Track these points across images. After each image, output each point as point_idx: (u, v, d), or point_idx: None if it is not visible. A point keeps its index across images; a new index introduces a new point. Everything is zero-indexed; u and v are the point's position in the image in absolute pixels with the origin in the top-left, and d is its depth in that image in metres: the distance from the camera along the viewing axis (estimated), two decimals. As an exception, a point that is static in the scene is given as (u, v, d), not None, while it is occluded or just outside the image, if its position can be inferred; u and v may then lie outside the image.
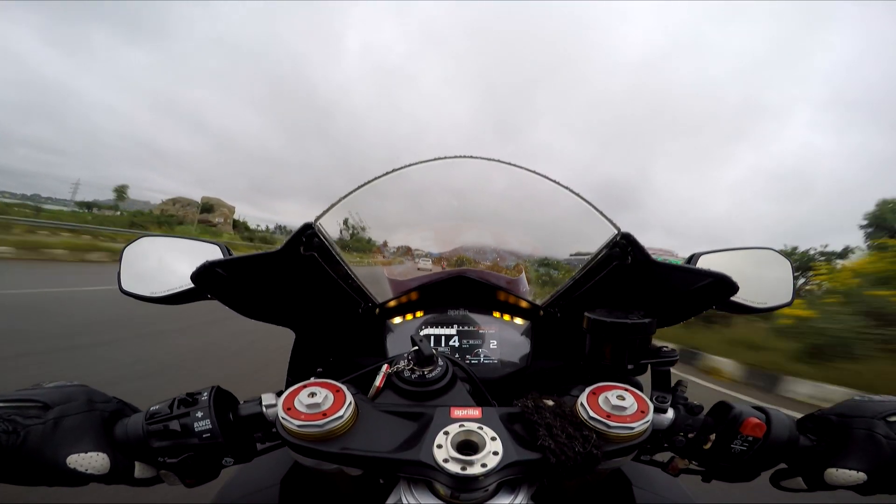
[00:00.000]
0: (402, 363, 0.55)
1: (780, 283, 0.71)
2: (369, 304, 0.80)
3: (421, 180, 0.77)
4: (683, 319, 0.67)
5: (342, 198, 0.66)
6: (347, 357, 0.83)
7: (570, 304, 0.76)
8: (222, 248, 0.67)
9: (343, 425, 0.43)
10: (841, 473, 0.47)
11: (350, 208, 0.68)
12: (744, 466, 0.52)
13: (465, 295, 0.88)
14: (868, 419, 0.48)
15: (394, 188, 0.73)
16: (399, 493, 0.42)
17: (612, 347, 0.57)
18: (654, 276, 0.61)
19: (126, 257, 0.69)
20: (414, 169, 0.72)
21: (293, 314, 0.76)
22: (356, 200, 0.67)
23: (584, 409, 0.45)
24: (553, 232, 0.94)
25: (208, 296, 0.61)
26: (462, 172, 0.80)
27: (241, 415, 0.52)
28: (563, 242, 0.91)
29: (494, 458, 0.38)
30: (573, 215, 0.71)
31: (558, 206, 0.75)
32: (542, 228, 0.97)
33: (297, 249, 0.59)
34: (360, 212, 0.71)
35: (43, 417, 0.43)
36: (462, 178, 0.83)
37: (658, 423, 0.54)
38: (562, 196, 0.70)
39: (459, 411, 0.46)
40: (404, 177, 0.71)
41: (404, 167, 0.71)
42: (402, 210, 0.91)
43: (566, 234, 0.87)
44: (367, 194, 0.68)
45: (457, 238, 1.01)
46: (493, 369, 0.82)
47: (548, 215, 0.86)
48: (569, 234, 0.85)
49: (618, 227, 0.60)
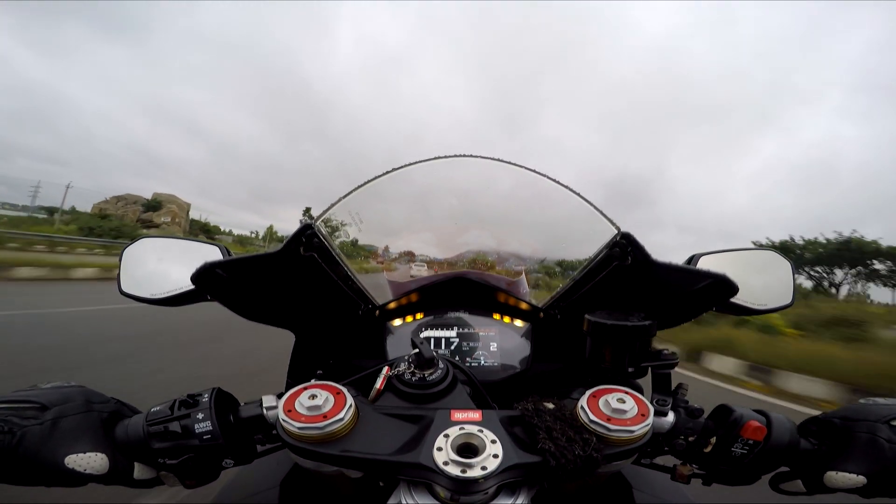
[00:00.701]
0: (403, 366, 0.55)
1: (780, 284, 0.71)
2: (369, 306, 0.80)
3: (420, 180, 0.77)
4: (683, 321, 0.67)
5: (341, 198, 0.66)
6: (347, 359, 0.83)
7: (570, 305, 0.76)
8: (222, 249, 0.67)
9: (343, 427, 0.43)
10: (840, 476, 0.47)
11: (349, 209, 0.68)
12: (744, 470, 0.52)
13: (465, 297, 0.88)
14: (871, 422, 0.48)
15: (393, 188, 0.73)
16: (399, 495, 0.42)
17: (613, 350, 0.57)
18: (653, 276, 0.61)
19: (126, 259, 0.69)
20: (412, 169, 0.72)
21: (293, 316, 0.76)
22: (355, 201, 0.67)
23: (585, 411, 0.45)
24: (553, 232, 0.94)
25: (208, 297, 0.61)
26: (461, 172, 0.79)
27: (241, 416, 0.52)
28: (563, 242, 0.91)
29: (494, 461, 0.38)
30: (573, 215, 0.71)
31: (558, 206, 0.75)
32: (542, 228, 0.97)
33: (296, 250, 0.59)
34: (359, 213, 0.71)
35: (40, 418, 0.43)
36: (461, 177, 0.83)
37: (658, 426, 0.54)
38: (562, 195, 0.70)
39: (460, 414, 0.46)
40: (403, 177, 0.71)
41: (403, 167, 0.71)
42: (401, 210, 0.91)
43: (566, 234, 0.87)
44: (366, 195, 0.68)
45: (456, 239, 1.01)
46: (493, 372, 0.82)
47: (548, 214, 0.86)
48: (569, 234, 0.85)
49: (618, 227, 0.60)
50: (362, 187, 0.68)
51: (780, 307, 0.69)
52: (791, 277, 0.72)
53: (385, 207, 0.82)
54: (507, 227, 1.03)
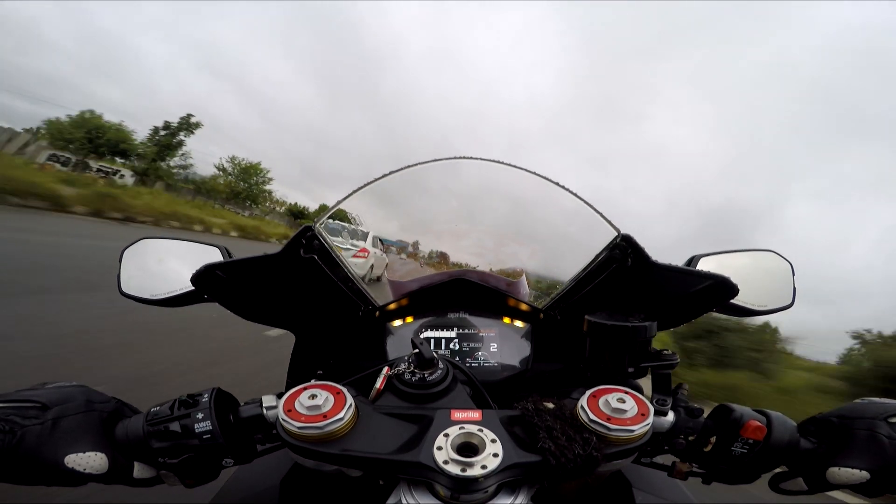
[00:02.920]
0: (403, 366, 0.55)
1: (780, 285, 0.71)
2: (369, 307, 0.80)
3: (421, 182, 0.77)
4: (684, 322, 0.67)
5: (341, 200, 0.67)
6: (348, 360, 0.83)
7: (571, 306, 0.76)
8: (222, 250, 0.67)
9: (343, 427, 0.43)
10: (843, 472, 0.47)
11: (350, 210, 0.68)
12: (744, 469, 0.52)
13: (465, 297, 0.88)
14: (870, 420, 0.48)
15: (393, 190, 0.73)
16: (399, 494, 0.42)
17: (613, 350, 0.57)
18: (653, 278, 0.61)
19: (125, 259, 0.69)
20: (413, 170, 0.72)
21: (293, 317, 0.76)
22: (356, 202, 0.68)
23: (585, 411, 0.45)
24: (553, 234, 0.94)
25: (208, 298, 0.61)
26: (462, 173, 0.80)
27: (241, 416, 0.52)
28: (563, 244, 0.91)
29: (494, 460, 0.38)
30: (574, 217, 0.71)
31: (559, 208, 0.75)
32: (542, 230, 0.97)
33: (297, 252, 0.59)
34: (360, 214, 0.71)
35: (41, 418, 0.43)
36: (462, 179, 0.83)
37: (658, 425, 0.54)
38: (563, 198, 0.70)
39: (460, 413, 0.46)
40: (403, 178, 0.71)
41: (403, 168, 0.71)
42: (402, 211, 0.91)
43: (567, 236, 0.87)
44: (367, 196, 0.68)
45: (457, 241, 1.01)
46: (493, 372, 0.82)
47: (548, 217, 0.86)
48: (569, 236, 0.85)
49: (618, 229, 0.60)
50: (363, 189, 0.68)
51: (781, 308, 0.69)
52: (791, 278, 0.72)
53: (385, 209, 0.82)
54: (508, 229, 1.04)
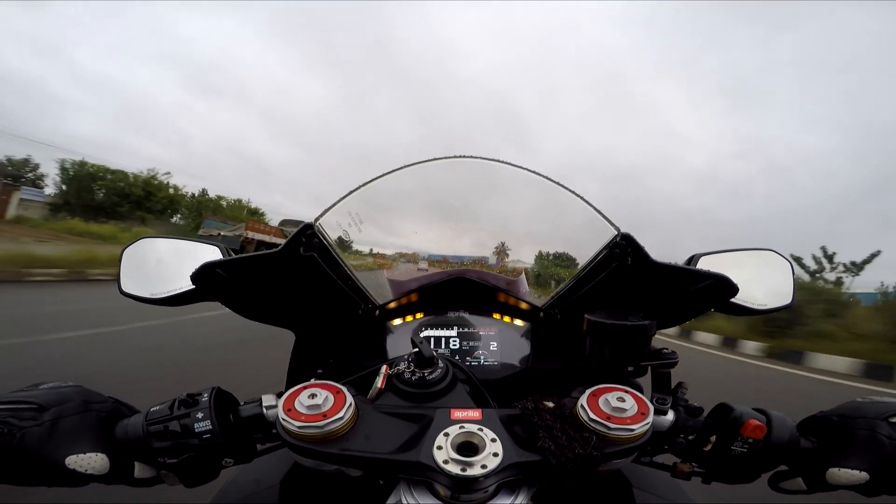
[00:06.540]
0: (403, 365, 0.55)
1: (780, 284, 0.71)
2: (369, 306, 0.80)
3: (419, 181, 0.77)
4: (684, 321, 0.67)
5: (341, 198, 0.67)
6: (347, 359, 0.83)
7: (570, 305, 0.76)
8: (222, 248, 0.67)
9: (343, 426, 0.43)
10: (843, 473, 0.47)
11: (349, 210, 0.68)
12: (744, 468, 0.52)
13: (465, 296, 0.88)
14: (870, 419, 0.48)
15: (392, 189, 0.73)
16: (399, 493, 0.42)
17: (612, 349, 0.57)
18: (653, 277, 0.61)
19: (125, 259, 0.69)
20: (412, 169, 0.72)
21: (293, 315, 0.76)
22: (355, 202, 0.68)
23: (585, 410, 0.45)
24: (553, 232, 0.94)
25: (208, 297, 0.61)
26: (462, 173, 0.80)
27: (241, 416, 0.52)
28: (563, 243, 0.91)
29: (494, 460, 0.38)
30: (573, 216, 0.71)
31: (559, 207, 0.75)
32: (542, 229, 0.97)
33: (296, 250, 0.59)
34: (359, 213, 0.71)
35: (39, 419, 0.43)
36: (461, 178, 0.83)
37: (658, 424, 0.54)
38: (562, 197, 0.70)
39: (459, 413, 0.46)
40: (402, 178, 0.71)
41: (403, 168, 0.71)
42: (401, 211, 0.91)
43: (566, 235, 0.87)
44: (366, 196, 0.68)
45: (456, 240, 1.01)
46: (493, 371, 0.82)
47: (548, 215, 0.86)
48: (569, 235, 0.85)
49: (618, 228, 0.60)
50: (362, 188, 0.68)
51: (781, 307, 0.70)
52: (791, 277, 0.72)
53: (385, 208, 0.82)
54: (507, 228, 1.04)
